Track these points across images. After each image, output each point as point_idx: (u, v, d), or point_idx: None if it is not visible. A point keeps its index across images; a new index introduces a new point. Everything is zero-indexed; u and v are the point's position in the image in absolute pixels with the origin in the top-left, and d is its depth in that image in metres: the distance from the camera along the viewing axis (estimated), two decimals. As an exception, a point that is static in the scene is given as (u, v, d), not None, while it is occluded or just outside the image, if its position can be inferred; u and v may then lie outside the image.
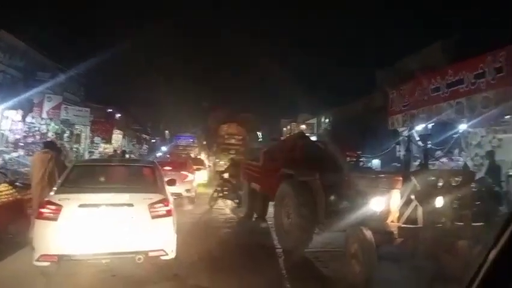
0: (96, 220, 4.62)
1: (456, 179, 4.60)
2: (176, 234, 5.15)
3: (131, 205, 4.75)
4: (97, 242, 4.59)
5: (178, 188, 10.97)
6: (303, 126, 34.05)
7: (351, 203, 5.84)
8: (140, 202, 4.79)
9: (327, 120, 30.48)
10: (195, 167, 15.85)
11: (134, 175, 6.02)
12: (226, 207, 12.14)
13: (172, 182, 7.62)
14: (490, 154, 10.04)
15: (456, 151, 13.28)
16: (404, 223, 4.57)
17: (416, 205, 4.48)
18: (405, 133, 14.00)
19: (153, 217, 4.77)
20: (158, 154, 29.30)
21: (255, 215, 10.13)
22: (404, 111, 13.06)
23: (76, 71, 17.57)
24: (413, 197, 4.47)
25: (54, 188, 5.16)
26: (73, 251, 4.57)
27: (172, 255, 4.91)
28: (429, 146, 12.69)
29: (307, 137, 9.90)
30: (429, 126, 12.45)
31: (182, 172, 12.90)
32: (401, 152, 13.78)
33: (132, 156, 24.86)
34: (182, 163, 15.10)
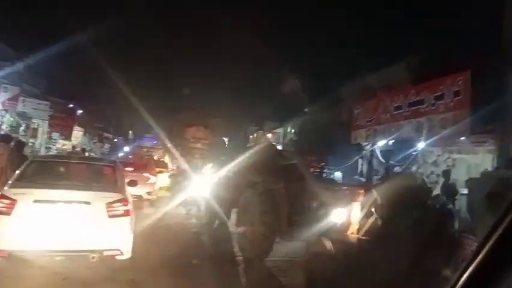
0: (51, 217, 4.53)
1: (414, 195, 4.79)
2: (133, 235, 5.10)
3: (88, 203, 4.68)
4: (51, 238, 4.48)
5: (139, 190, 10.67)
6: (270, 135, 34.22)
7: (313, 213, 5.92)
8: (97, 200, 4.73)
9: (293, 130, 30.88)
10: (157, 169, 15.51)
11: (94, 173, 5.93)
12: (188, 212, 11.94)
13: (133, 183, 7.37)
14: (446, 173, 10.54)
15: (413, 168, 13.89)
16: (363, 235, 4.69)
17: (376, 218, 4.62)
18: (368, 148, 14.48)
19: (110, 216, 4.71)
20: (120, 154, 28.41)
21: (217, 222, 10.03)
22: (367, 126, 13.47)
23: (37, 62, 16.70)
24: (373, 209, 4.61)
25: (10, 182, 5.02)
26: (25, 247, 4.42)
27: (127, 255, 4.87)
28: (390, 161, 13.22)
29: (274, 146, 9.98)
30: (390, 142, 12.95)
31: (144, 174, 12.62)
32: (363, 165, 14.19)
33: (92, 154, 23.96)
34: (145, 164, 14.84)
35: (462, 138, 10.44)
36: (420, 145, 11.41)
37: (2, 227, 4.40)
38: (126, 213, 4.88)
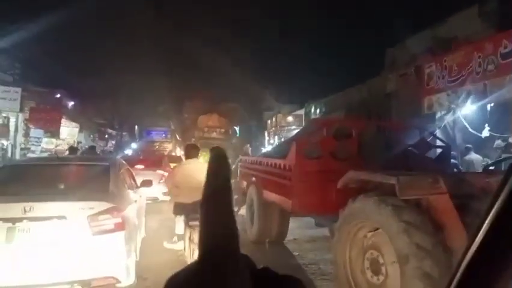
0: (16, 240, 3.46)
1: None
2: (135, 254, 4.22)
3: (63, 217, 3.61)
4: (18, 271, 3.43)
5: (153, 191, 8.53)
6: (290, 118, 31.10)
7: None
8: (75, 213, 3.64)
9: (318, 110, 27.40)
10: (172, 165, 13.28)
11: (78, 177, 4.87)
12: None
13: (147, 183, 6.26)
14: None
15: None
16: None
17: None
18: (449, 117, 11.00)
19: (95, 233, 3.62)
20: (127, 151, 25.50)
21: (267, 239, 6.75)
22: (450, 87, 10.00)
23: (9, 42, 13.15)
24: None
25: None
26: None
27: (127, 282, 3.87)
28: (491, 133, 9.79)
29: (366, 120, 6.56)
30: (489, 106, 9.49)
31: (157, 171, 11.25)
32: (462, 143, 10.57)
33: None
34: (157, 161, 13.20)
35: None
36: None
37: None
38: (118, 227, 3.78)
